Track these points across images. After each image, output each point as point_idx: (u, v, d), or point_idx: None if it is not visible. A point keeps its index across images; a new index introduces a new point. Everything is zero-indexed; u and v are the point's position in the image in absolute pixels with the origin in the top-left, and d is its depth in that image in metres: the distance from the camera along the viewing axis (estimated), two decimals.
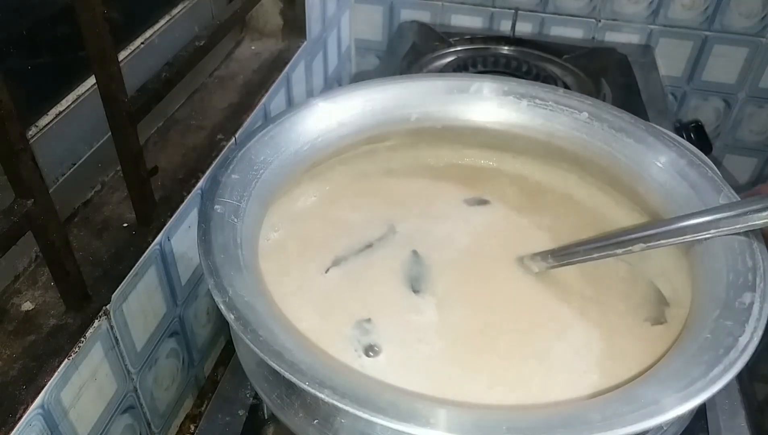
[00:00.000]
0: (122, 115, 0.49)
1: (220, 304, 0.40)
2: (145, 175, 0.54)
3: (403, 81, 0.59)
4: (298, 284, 0.50)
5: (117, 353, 0.53)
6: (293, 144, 0.54)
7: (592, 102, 0.57)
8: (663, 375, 0.38)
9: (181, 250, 0.60)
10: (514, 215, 0.57)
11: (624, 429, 0.34)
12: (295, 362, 0.37)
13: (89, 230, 0.55)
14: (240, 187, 0.49)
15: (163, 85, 0.55)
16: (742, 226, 0.42)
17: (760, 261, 0.43)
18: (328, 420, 0.40)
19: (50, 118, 0.54)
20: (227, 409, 0.56)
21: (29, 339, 0.47)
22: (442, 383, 0.43)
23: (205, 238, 0.44)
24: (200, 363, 0.69)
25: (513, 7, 1.03)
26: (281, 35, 0.84)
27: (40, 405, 0.44)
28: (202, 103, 0.71)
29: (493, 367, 0.45)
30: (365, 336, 0.46)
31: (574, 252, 0.49)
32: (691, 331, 0.42)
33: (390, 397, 0.36)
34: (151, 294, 0.57)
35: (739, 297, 0.41)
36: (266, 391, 0.44)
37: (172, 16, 0.69)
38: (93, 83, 0.54)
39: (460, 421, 0.35)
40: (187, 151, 0.64)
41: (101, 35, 0.45)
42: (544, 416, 0.36)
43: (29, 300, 0.49)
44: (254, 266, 0.46)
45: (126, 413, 0.56)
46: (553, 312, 0.48)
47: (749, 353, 0.37)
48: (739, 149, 1.12)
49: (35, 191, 0.42)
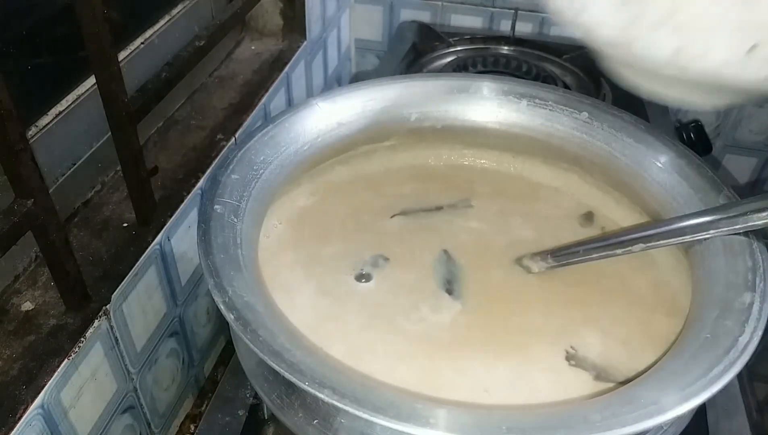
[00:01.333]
0: (122, 115, 0.49)
1: (220, 304, 0.40)
2: (145, 175, 0.54)
3: (403, 81, 0.59)
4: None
5: (117, 353, 0.53)
6: (293, 144, 0.54)
7: (592, 102, 0.57)
8: (663, 375, 0.38)
9: (181, 250, 0.60)
10: (513, 215, 0.57)
11: (624, 429, 0.34)
12: (295, 362, 0.37)
13: (89, 230, 0.55)
14: (240, 187, 0.49)
15: (163, 85, 0.55)
16: (742, 226, 0.42)
17: (760, 261, 0.43)
18: (328, 420, 0.40)
19: (50, 118, 0.54)
20: (227, 409, 0.56)
21: (29, 339, 0.47)
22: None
23: (205, 238, 0.44)
24: (200, 363, 0.69)
25: (513, 7, 1.03)
26: (281, 35, 0.84)
27: (40, 405, 0.44)
28: (202, 103, 0.71)
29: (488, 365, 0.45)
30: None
31: (574, 252, 0.49)
32: (691, 331, 0.42)
33: (390, 397, 0.36)
34: (151, 294, 0.57)
35: (739, 297, 0.41)
36: (266, 391, 0.44)
37: (172, 16, 0.69)
38: (93, 83, 0.54)
39: (460, 421, 0.35)
40: (187, 151, 0.64)
41: (101, 35, 0.45)
42: (544, 416, 0.36)
43: (29, 300, 0.49)
44: (254, 266, 0.46)
45: (126, 413, 0.56)
46: (554, 312, 0.48)
47: (749, 353, 0.37)
48: (739, 149, 1.12)
49: (35, 191, 0.42)
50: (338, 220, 0.56)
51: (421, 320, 0.47)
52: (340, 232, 0.54)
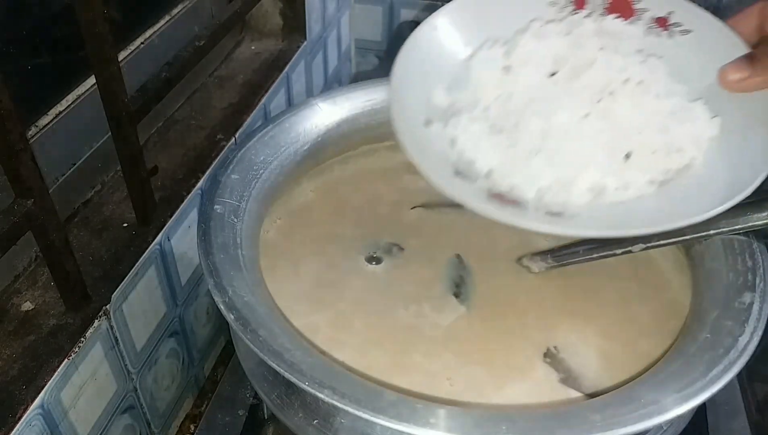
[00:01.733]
0: (122, 115, 0.49)
1: (220, 304, 0.40)
2: (145, 175, 0.54)
3: None
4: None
5: (117, 353, 0.53)
6: (293, 144, 0.54)
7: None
8: (663, 375, 0.38)
9: (181, 250, 0.60)
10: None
11: (624, 429, 0.34)
12: (294, 362, 0.37)
13: (89, 230, 0.55)
14: (240, 187, 0.49)
15: (163, 85, 0.55)
16: (742, 226, 0.42)
17: (760, 261, 0.43)
18: (327, 420, 0.40)
19: (50, 118, 0.54)
20: (227, 409, 0.56)
21: (29, 339, 0.47)
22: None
23: (205, 238, 0.44)
24: (200, 363, 0.69)
25: None
26: (281, 35, 0.84)
27: (40, 405, 0.44)
28: (202, 103, 0.71)
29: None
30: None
31: (574, 252, 0.49)
32: (691, 330, 0.42)
33: (390, 397, 0.36)
34: (151, 294, 0.57)
35: (739, 297, 0.41)
36: (266, 391, 0.44)
37: (172, 16, 0.69)
38: (93, 83, 0.54)
39: (460, 421, 0.35)
40: (187, 151, 0.64)
41: (101, 35, 0.45)
42: (544, 416, 0.36)
43: (29, 300, 0.49)
44: (254, 266, 0.46)
45: (126, 413, 0.56)
46: (553, 311, 0.48)
47: (749, 353, 0.37)
48: None
49: (35, 191, 0.42)
50: (353, 207, 0.56)
51: (419, 315, 0.47)
52: (355, 218, 0.55)
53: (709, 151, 0.41)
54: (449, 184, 0.39)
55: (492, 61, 0.44)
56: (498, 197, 0.40)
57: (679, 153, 0.41)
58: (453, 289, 0.49)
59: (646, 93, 0.42)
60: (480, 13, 0.47)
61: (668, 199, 0.40)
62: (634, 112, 0.41)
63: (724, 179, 0.39)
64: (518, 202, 0.40)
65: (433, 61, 0.46)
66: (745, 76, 0.41)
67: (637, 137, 0.41)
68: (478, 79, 0.44)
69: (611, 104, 0.41)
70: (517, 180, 0.40)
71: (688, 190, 0.40)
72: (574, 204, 0.39)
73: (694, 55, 0.44)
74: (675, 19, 0.46)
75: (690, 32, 0.45)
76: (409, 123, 0.43)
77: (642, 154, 0.40)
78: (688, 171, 0.41)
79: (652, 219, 0.38)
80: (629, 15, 0.46)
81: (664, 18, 0.46)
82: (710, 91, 0.43)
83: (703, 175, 0.40)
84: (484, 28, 0.46)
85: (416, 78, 0.45)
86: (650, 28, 0.46)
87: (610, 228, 0.38)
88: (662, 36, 0.46)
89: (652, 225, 0.37)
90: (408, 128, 0.42)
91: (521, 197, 0.40)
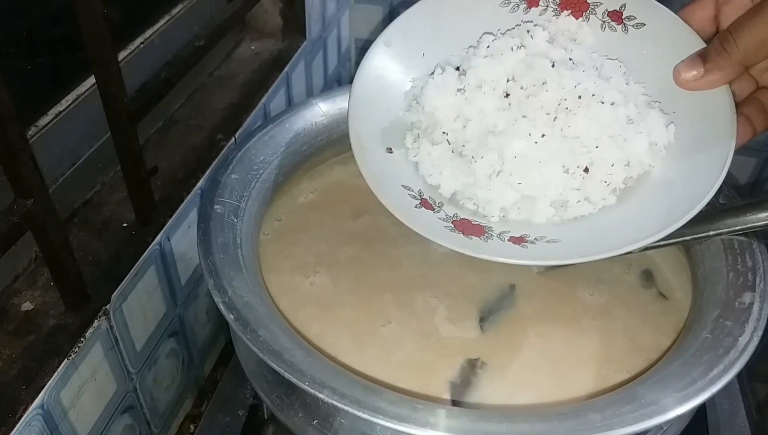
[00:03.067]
0: (122, 115, 0.49)
1: (220, 304, 0.40)
2: (144, 175, 0.54)
3: None
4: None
5: (117, 353, 0.53)
6: (293, 144, 0.54)
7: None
8: (663, 375, 0.38)
9: (181, 250, 0.60)
10: None
11: (624, 429, 0.34)
12: (294, 362, 0.37)
13: (89, 230, 0.55)
14: (240, 187, 0.49)
15: (163, 85, 0.55)
16: (742, 226, 0.42)
17: (760, 261, 0.43)
18: (327, 420, 0.40)
19: (50, 118, 0.54)
20: (227, 409, 0.56)
21: (29, 339, 0.47)
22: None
23: (205, 238, 0.44)
24: (200, 363, 0.69)
25: None
26: (281, 35, 0.84)
27: (40, 405, 0.44)
28: (202, 103, 0.71)
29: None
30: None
31: None
32: (691, 330, 0.42)
33: (390, 397, 0.36)
34: (150, 294, 0.57)
35: (739, 297, 0.41)
36: (266, 391, 0.44)
37: (172, 16, 0.69)
38: (93, 83, 0.53)
39: (460, 421, 0.35)
40: (186, 151, 0.64)
41: (101, 35, 0.45)
42: (544, 416, 0.36)
43: (29, 300, 0.49)
44: (254, 266, 0.46)
45: (126, 413, 0.56)
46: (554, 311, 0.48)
47: (749, 353, 0.37)
48: (739, 149, 1.12)
49: (35, 191, 0.42)
50: (354, 208, 0.56)
51: (428, 310, 0.47)
52: (355, 218, 0.55)
53: (665, 159, 0.42)
54: (413, 217, 0.40)
55: (445, 86, 0.44)
56: (462, 225, 0.41)
57: (636, 163, 0.42)
58: (480, 314, 0.47)
59: (602, 103, 0.42)
60: (431, 24, 0.47)
61: (630, 212, 0.41)
62: (591, 126, 0.42)
63: (681, 189, 0.40)
64: (483, 228, 0.41)
65: (388, 88, 0.46)
66: (699, 74, 0.41)
67: (594, 151, 0.41)
68: (433, 105, 0.44)
69: (567, 121, 0.42)
70: (480, 202, 0.42)
71: (648, 202, 0.41)
72: (538, 221, 0.41)
73: (649, 50, 0.45)
74: (628, 12, 0.46)
75: (644, 26, 0.45)
76: (370, 154, 0.43)
77: (601, 168, 0.42)
78: (647, 178, 0.42)
79: (614, 240, 0.39)
80: (583, 9, 0.46)
81: (618, 12, 0.46)
82: (666, 89, 0.43)
83: (662, 186, 0.42)
84: (435, 43, 0.47)
85: (373, 107, 0.45)
86: (605, 23, 0.46)
87: (575, 255, 0.40)
88: (617, 31, 0.46)
89: (614, 248, 0.38)
90: (370, 158, 0.43)
91: (485, 221, 0.41)
